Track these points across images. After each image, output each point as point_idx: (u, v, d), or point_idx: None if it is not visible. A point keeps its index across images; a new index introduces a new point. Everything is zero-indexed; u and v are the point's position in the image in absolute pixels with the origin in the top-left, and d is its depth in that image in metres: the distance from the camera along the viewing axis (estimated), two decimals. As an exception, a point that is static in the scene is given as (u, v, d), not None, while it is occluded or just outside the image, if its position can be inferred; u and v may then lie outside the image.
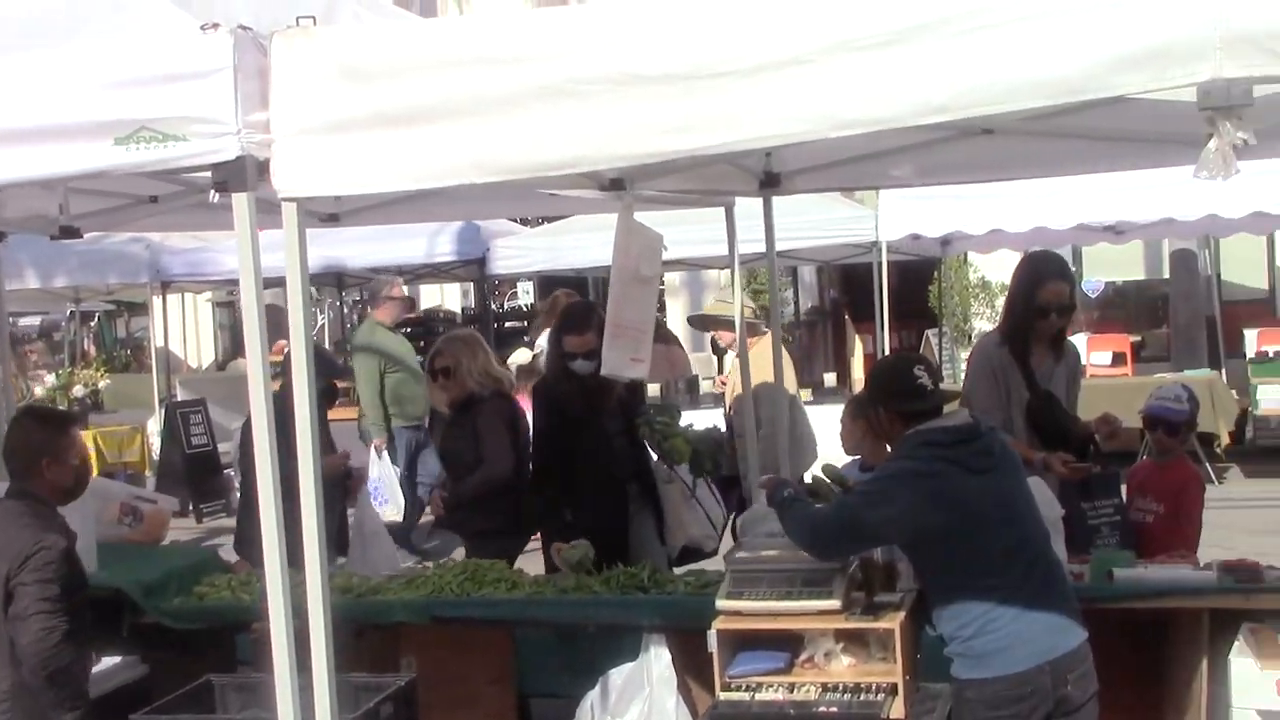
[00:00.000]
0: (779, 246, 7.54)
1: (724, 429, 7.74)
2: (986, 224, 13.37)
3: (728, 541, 6.98)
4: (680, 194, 6.12)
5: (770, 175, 6.61)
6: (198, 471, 14.65)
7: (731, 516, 7.07)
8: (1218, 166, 2.98)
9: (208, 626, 6.09)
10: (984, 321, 21.21)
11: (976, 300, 21.03)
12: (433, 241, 14.83)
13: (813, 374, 17.25)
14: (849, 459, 6.31)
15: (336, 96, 3.61)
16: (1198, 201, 12.38)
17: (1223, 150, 2.95)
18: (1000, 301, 20.70)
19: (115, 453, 15.01)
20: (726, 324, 8.45)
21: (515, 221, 16.62)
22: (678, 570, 6.43)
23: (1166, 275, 20.20)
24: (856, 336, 22.50)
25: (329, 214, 7.19)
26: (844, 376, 17.15)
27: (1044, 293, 6.22)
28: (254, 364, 3.80)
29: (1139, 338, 19.11)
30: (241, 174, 3.64)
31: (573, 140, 3.36)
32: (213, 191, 3.74)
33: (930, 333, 17.60)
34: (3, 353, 8.01)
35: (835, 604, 4.79)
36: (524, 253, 15.55)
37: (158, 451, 15.33)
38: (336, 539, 7.56)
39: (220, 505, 14.86)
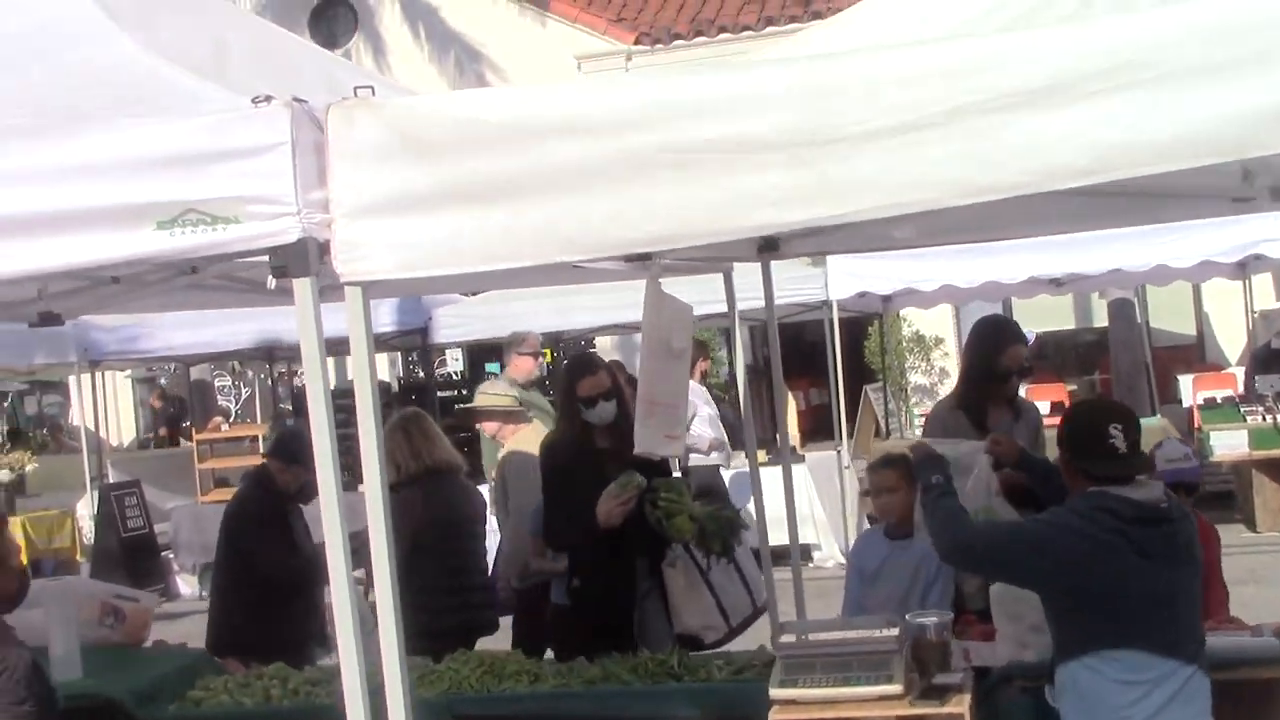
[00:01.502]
0: (715, 309, 7.57)
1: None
2: (937, 280, 13.40)
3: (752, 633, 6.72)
4: (688, 262, 5.91)
5: (769, 240, 6.43)
6: (135, 555, 14.14)
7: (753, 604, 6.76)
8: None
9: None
10: (919, 375, 21.28)
11: (912, 354, 21.04)
12: (373, 312, 14.47)
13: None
14: None
15: (402, 172, 3.34)
16: (1145, 252, 12.53)
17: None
18: (935, 355, 21.08)
19: (45, 539, 14.48)
20: (490, 415, 8.45)
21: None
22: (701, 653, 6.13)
23: (1096, 324, 20.46)
24: (789, 394, 22.50)
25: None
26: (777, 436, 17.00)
27: (1005, 357, 6.34)
28: (322, 453, 3.49)
29: (1074, 386, 19.28)
30: (304, 257, 3.37)
31: (674, 215, 3.13)
32: (270, 279, 3.46)
33: (869, 388, 17.52)
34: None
35: (897, 688, 4.57)
36: (466, 321, 15.33)
37: (89, 536, 14.79)
38: (318, 633, 7.22)
39: (159, 589, 14.34)
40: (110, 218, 3.46)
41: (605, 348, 22.95)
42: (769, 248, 6.43)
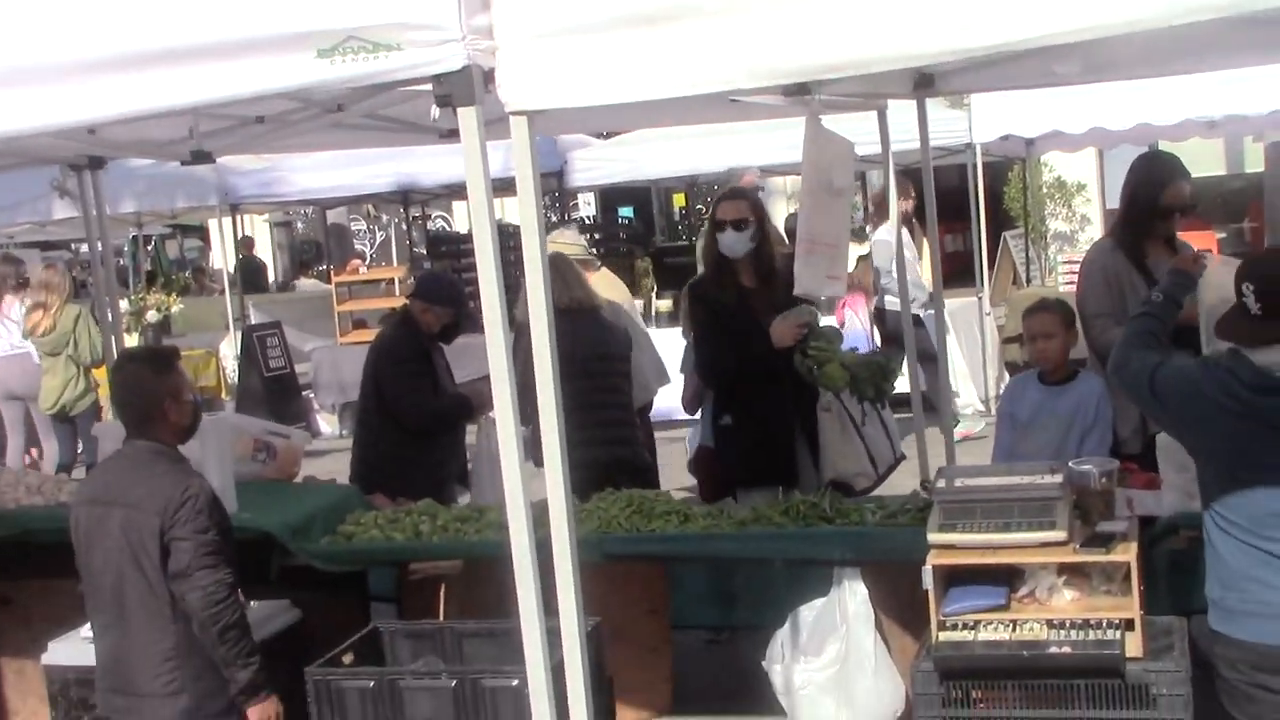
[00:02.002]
0: (864, 151, 7.01)
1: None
2: (1085, 122, 12.90)
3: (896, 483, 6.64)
4: (844, 97, 5.73)
5: (924, 76, 6.22)
6: (277, 395, 14.34)
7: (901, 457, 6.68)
8: None
9: (361, 568, 5.83)
10: (1059, 222, 20.77)
11: (1052, 200, 20.51)
12: (508, 155, 14.36)
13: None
14: None
15: (572, -6, 3.21)
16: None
17: None
18: (1076, 201, 20.53)
19: (191, 378, 14.74)
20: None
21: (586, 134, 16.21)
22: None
23: (1248, 170, 19.72)
24: (925, 240, 22.08)
25: (449, 129, 6.81)
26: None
27: (1169, 194, 6.14)
28: (488, 290, 3.42)
29: (1223, 234, 18.67)
30: (468, 85, 3.26)
31: (866, 36, 2.96)
32: (434, 108, 3.36)
33: (1009, 234, 17.10)
34: (109, 282, 7.73)
35: (1061, 535, 4.47)
36: (600, 164, 15.22)
37: (233, 376, 15.07)
38: (459, 472, 7.28)
39: (301, 428, 14.62)
40: (271, 46, 3.39)
41: (799, 197, 22.71)
42: (924, 84, 6.23)
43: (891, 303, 11.72)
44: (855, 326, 11.73)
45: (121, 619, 4.53)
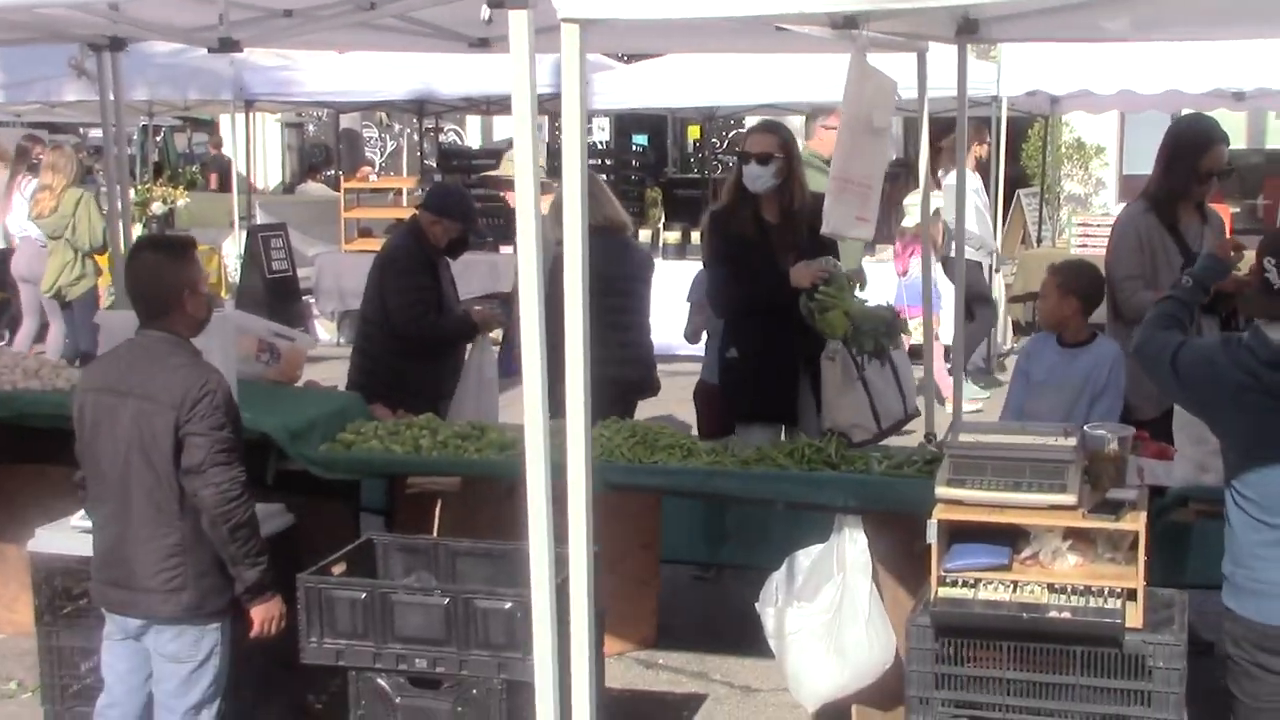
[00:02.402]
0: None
1: None
2: (1115, 84, 12.79)
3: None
4: (885, 36, 5.60)
5: (968, 21, 6.11)
6: (278, 297, 14.21)
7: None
8: None
9: (357, 478, 5.76)
10: (1074, 184, 20.63)
11: (1069, 161, 20.35)
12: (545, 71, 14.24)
13: (890, 227, 16.68)
14: None
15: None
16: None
17: None
18: (1094, 164, 20.38)
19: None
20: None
21: (609, 56, 16.01)
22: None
23: (1268, 146, 19.59)
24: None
25: (480, 39, 6.69)
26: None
27: (1209, 158, 6.12)
28: (524, 196, 3.33)
29: (1237, 209, 18.55)
30: (523, -11, 3.15)
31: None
32: (485, 8, 3.25)
33: (1023, 193, 16.97)
34: (120, 172, 7.62)
35: (1071, 499, 4.40)
36: (618, 89, 15.06)
37: (234, 275, 14.96)
38: (453, 389, 7.19)
39: (301, 331, 14.55)
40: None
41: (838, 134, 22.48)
42: (968, 29, 6.12)
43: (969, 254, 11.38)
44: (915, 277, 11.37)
45: (126, 511, 4.46)
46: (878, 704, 5.18)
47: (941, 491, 4.51)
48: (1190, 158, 6.11)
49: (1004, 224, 15.74)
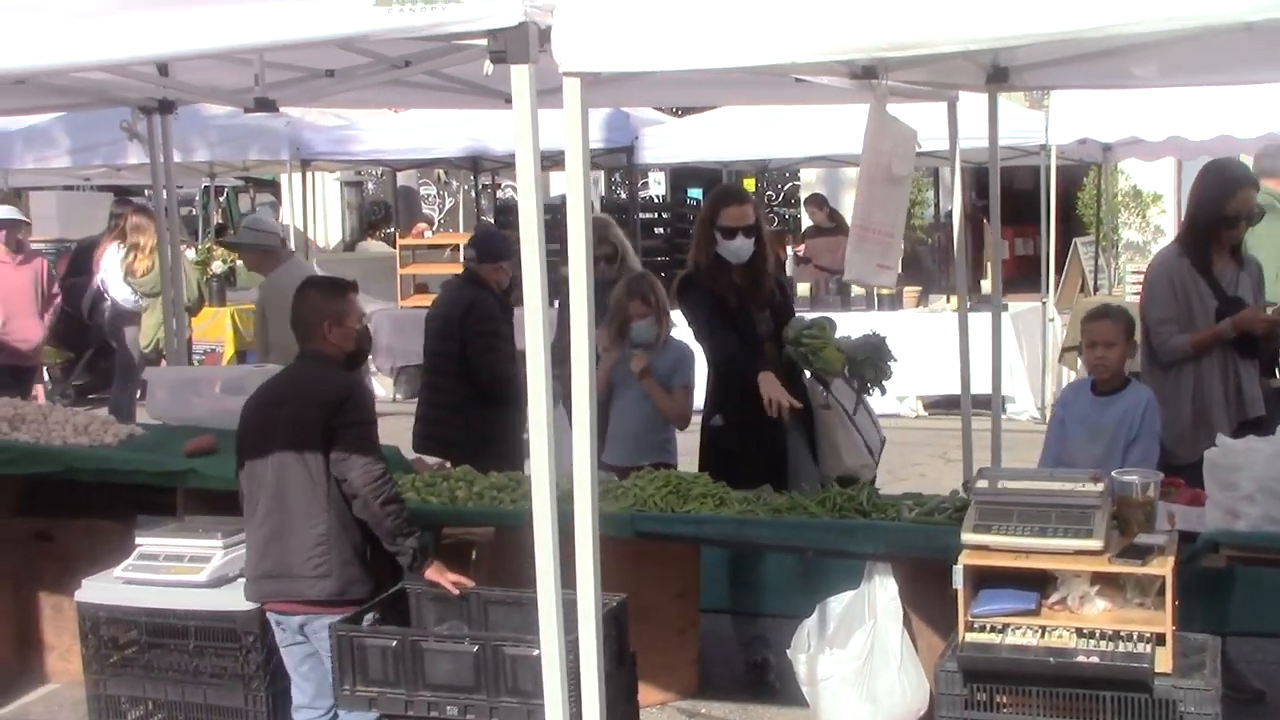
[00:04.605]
0: (931, 147, 6.99)
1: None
2: (1165, 130, 12.73)
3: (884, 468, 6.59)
4: (914, 85, 5.65)
5: (998, 70, 6.15)
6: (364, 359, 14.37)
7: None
8: None
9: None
10: (1132, 232, 20.49)
11: (1126, 210, 20.23)
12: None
13: (948, 278, 16.64)
14: None
15: (629, -43, 3.17)
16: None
17: None
18: (1151, 212, 20.23)
19: (250, 331, 14.83)
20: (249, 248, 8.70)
21: (659, 110, 16.14)
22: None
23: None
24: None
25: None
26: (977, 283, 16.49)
27: (1235, 201, 6.14)
28: (529, 257, 3.40)
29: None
30: (524, 42, 3.23)
31: (932, 17, 2.90)
32: (487, 63, 3.33)
33: (1079, 241, 16.88)
34: (172, 226, 7.79)
35: (1097, 544, 4.39)
36: (671, 143, 15.14)
37: (293, 331, 15.11)
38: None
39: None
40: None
41: (810, 181, 22.55)
42: (998, 78, 6.15)
43: None
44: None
45: (282, 506, 4.95)
46: (913, 751, 5.16)
47: (967, 537, 4.52)
48: (1217, 201, 6.13)
49: (1060, 275, 15.68)
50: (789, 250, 16.82)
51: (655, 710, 6.24)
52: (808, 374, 6.45)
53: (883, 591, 5.03)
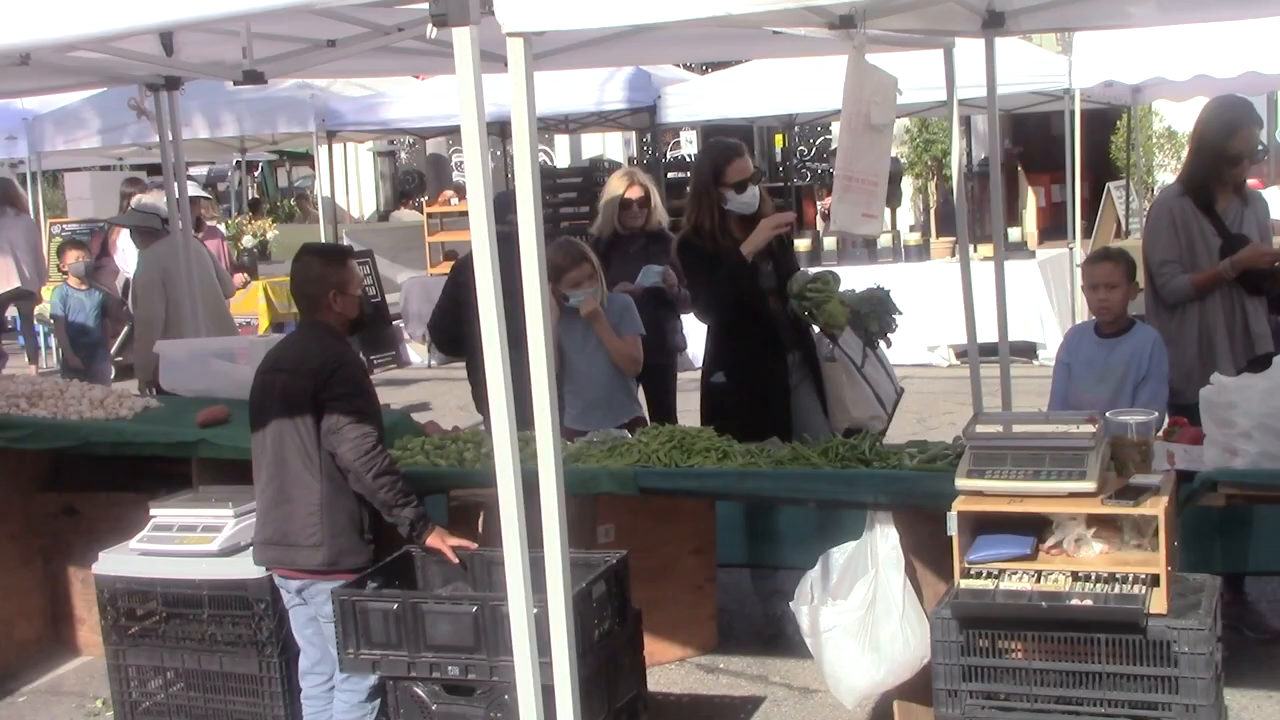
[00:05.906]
0: (962, 94, 6.95)
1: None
2: (1191, 69, 12.56)
3: (898, 419, 6.58)
4: (905, 33, 5.61)
5: (994, 14, 6.10)
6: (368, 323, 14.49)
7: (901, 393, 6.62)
8: None
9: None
10: (1168, 174, 20.27)
11: (1161, 151, 20.01)
12: (602, 89, 14.37)
13: (984, 227, 16.54)
14: None
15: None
16: None
17: None
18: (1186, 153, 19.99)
19: (284, 303, 14.94)
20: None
21: (684, 68, 16.07)
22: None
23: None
24: (1030, 189, 21.63)
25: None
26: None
27: (1238, 139, 6.11)
28: (477, 218, 3.42)
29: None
30: (464, 6, 3.24)
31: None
32: (430, 27, 3.34)
33: (1112, 185, 16.71)
34: (183, 204, 7.86)
35: (1090, 486, 4.37)
36: (694, 101, 15.04)
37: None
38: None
39: (390, 357, 14.81)
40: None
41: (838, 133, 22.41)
42: (994, 23, 6.11)
43: None
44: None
45: (282, 472, 5.03)
46: (919, 698, 5.17)
47: (961, 483, 4.51)
48: (1218, 140, 6.09)
49: (1093, 220, 15.54)
50: (818, 204, 16.74)
51: (674, 666, 6.29)
52: (815, 328, 6.46)
53: (884, 541, 5.01)
